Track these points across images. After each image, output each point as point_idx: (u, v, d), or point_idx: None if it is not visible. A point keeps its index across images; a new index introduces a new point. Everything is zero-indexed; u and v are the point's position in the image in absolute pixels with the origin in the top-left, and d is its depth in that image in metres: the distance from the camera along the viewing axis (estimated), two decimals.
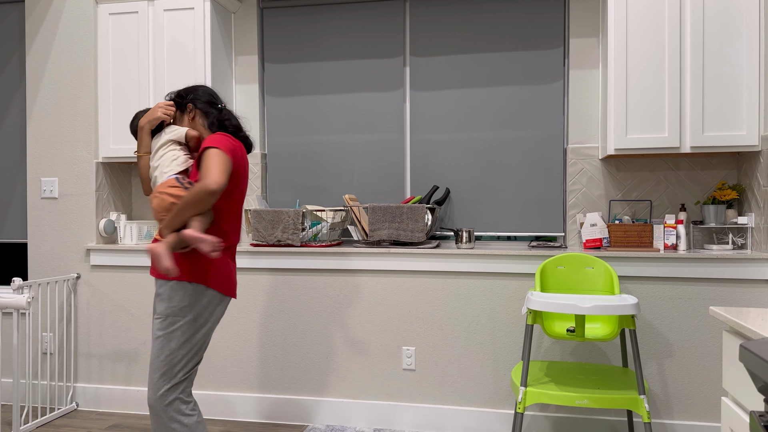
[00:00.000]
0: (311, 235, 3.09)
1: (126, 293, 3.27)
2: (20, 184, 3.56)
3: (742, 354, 1.13)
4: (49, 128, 3.36)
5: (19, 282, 2.82)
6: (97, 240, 3.32)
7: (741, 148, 2.68)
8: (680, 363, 2.75)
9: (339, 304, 3.05)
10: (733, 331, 1.61)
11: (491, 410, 2.91)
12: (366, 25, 3.36)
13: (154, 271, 2.09)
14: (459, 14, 3.26)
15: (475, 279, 2.92)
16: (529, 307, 2.32)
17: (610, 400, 2.25)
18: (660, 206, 3.02)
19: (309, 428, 3.00)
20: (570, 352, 2.85)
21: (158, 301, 2.06)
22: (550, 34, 3.17)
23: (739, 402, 1.55)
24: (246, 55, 3.46)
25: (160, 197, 2.01)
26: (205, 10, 3.15)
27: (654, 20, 2.72)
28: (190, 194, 1.92)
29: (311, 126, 3.43)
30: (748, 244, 2.80)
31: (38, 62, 3.37)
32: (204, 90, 2.22)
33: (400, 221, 3.01)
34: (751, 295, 2.67)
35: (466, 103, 3.25)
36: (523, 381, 2.32)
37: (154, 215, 2.05)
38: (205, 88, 2.23)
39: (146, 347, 3.25)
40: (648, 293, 2.77)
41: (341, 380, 3.06)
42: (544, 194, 3.17)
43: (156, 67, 3.21)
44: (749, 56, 2.65)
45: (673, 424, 2.76)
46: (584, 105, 3.09)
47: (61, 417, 3.21)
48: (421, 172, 3.31)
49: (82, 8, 3.30)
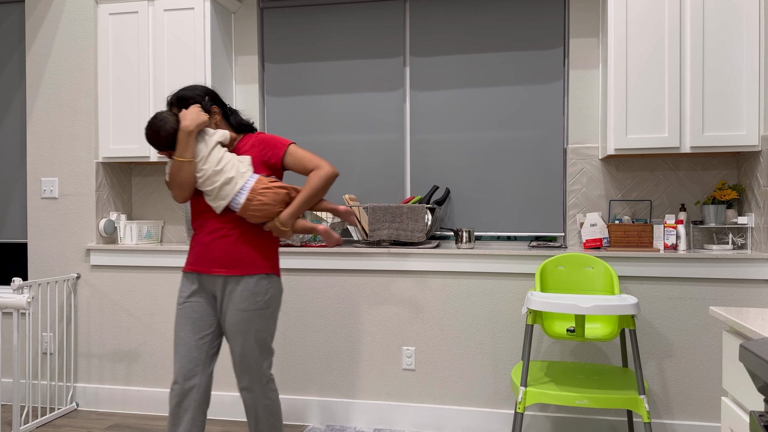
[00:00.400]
0: (311, 235, 3.09)
1: (126, 293, 3.27)
2: (20, 184, 3.57)
3: (742, 354, 1.13)
4: (49, 128, 3.36)
5: (19, 282, 2.82)
6: (97, 240, 3.32)
7: (741, 148, 2.68)
8: (680, 363, 2.75)
9: (339, 304, 3.05)
10: (733, 331, 1.61)
11: (491, 410, 2.91)
12: (366, 25, 3.36)
13: (224, 269, 2.11)
14: (459, 14, 3.26)
15: (475, 279, 2.92)
16: (529, 307, 2.32)
17: (610, 400, 2.25)
18: (660, 206, 3.02)
19: (309, 428, 3.00)
20: (570, 352, 2.85)
21: (247, 295, 2.11)
22: (550, 34, 3.17)
23: (739, 402, 1.55)
24: (246, 55, 3.46)
25: (273, 192, 2.09)
26: (205, 10, 3.15)
27: (654, 20, 2.72)
28: (320, 182, 2.12)
29: (311, 126, 3.43)
30: (748, 244, 2.80)
31: (38, 62, 3.37)
32: (213, 91, 2.21)
33: (400, 221, 3.01)
34: (751, 295, 2.67)
35: (466, 103, 3.25)
36: (523, 381, 2.32)
37: (262, 213, 2.08)
38: (210, 89, 2.23)
39: (146, 347, 3.25)
40: (648, 293, 2.77)
41: (341, 380, 3.06)
42: (544, 194, 3.17)
43: (156, 67, 3.21)
44: (749, 56, 2.65)
45: (673, 424, 2.76)
46: (584, 105, 3.09)
47: (61, 417, 3.21)
48: (421, 172, 3.31)
49: (82, 8, 3.30)
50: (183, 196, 2.11)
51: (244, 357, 2.13)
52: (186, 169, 2.06)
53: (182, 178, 2.07)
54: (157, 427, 3.06)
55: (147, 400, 3.25)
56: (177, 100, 2.15)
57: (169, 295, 3.22)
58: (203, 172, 2.07)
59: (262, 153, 2.15)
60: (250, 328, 2.11)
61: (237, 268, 2.11)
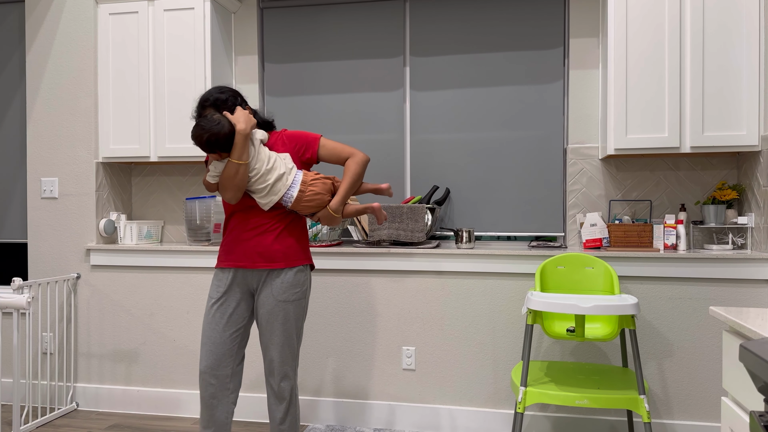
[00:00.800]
0: (311, 235, 3.09)
1: (126, 293, 3.27)
2: (20, 184, 3.57)
3: (742, 354, 1.13)
4: (49, 128, 3.36)
5: (19, 282, 2.82)
6: (97, 240, 3.32)
7: (741, 148, 2.68)
8: (680, 363, 2.75)
9: (339, 304, 3.05)
10: (733, 331, 1.61)
11: (491, 410, 2.91)
12: (366, 25, 3.36)
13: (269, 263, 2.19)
14: (459, 14, 3.26)
15: (475, 279, 2.92)
16: (529, 307, 2.32)
17: (610, 400, 2.25)
18: (660, 206, 3.02)
19: (309, 428, 3.00)
20: (570, 352, 2.85)
21: (287, 287, 2.20)
22: (550, 34, 3.17)
23: (739, 402, 1.55)
24: (246, 55, 3.46)
25: (321, 182, 2.23)
26: (205, 10, 3.15)
27: (654, 20, 2.72)
28: (359, 168, 2.25)
29: (311, 126, 3.43)
30: (748, 244, 2.80)
31: (38, 62, 3.37)
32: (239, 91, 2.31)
33: (400, 221, 3.01)
34: (751, 295, 2.67)
35: (466, 103, 3.25)
36: (523, 381, 2.32)
37: (315, 202, 2.21)
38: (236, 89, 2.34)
39: (146, 347, 3.25)
40: (648, 293, 2.77)
41: (341, 380, 3.06)
42: (544, 194, 3.17)
43: (156, 67, 3.21)
44: (749, 56, 2.65)
45: (673, 424, 2.76)
46: (584, 105, 3.09)
47: (61, 417, 3.21)
48: (421, 172, 3.31)
49: (82, 8, 3.30)
50: (237, 196, 2.17)
51: (284, 345, 2.22)
52: (242, 171, 2.13)
53: (239, 180, 2.13)
54: (157, 427, 3.06)
55: (147, 400, 3.25)
56: (214, 102, 2.19)
57: (169, 295, 3.22)
58: (256, 170, 2.15)
59: (296, 149, 2.26)
60: (290, 317, 2.22)
61: (281, 261, 2.20)
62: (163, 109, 3.20)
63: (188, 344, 3.21)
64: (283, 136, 2.28)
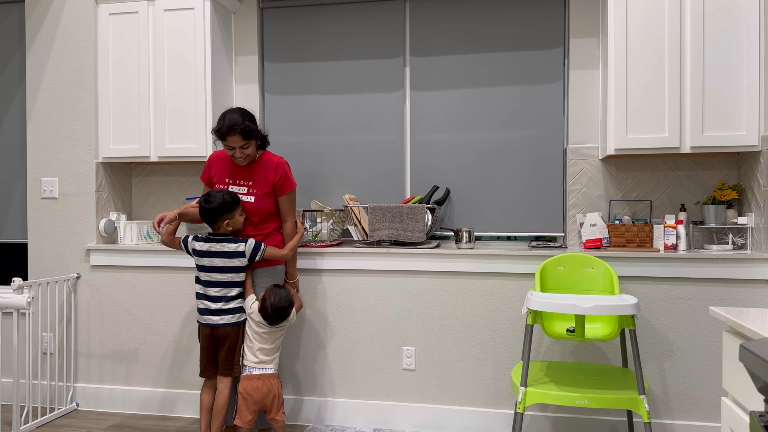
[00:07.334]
0: (311, 235, 3.09)
1: (126, 293, 3.27)
2: (20, 184, 3.56)
3: (742, 354, 1.13)
4: (49, 128, 3.36)
5: (19, 282, 2.82)
6: (97, 240, 3.32)
7: (741, 148, 2.68)
8: (680, 363, 2.75)
9: (339, 304, 3.05)
10: (733, 331, 1.61)
11: (491, 410, 2.91)
12: (366, 25, 3.36)
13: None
14: (459, 14, 3.26)
15: (475, 279, 2.92)
16: (529, 307, 2.32)
17: (610, 400, 2.25)
18: (660, 206, 3.02)
19: (309, 428, 3.00)
20: (570, 352, 2.85)
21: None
22: (550, 34, 3.17)
23: (739, 402, 1.55)
24: (246, 55, 3.46)
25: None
26: (205, 10, 3.15)
27: (654, 20, 2.72)
28: (295, 243, 2.82)
29: (311, 126, 3.43)
30: (748, 244, 2.80)
31: (38, 62, 3.37)
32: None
33: (400, 221, 3.00)
34: (751, 295, 2.67)
35: (466, 103, 3.25)
36: (523, 381, 2.32)
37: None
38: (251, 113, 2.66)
39: (146, 347, 3.25)
40: (648, 293, 2.77)
41: (341, 380, 3.06)
42: (544, 194, 3.17)
43: (156, 66, 3.21)
44: (749, 56, 2.65)
45: (673, 424, 2.76)
46: (584, 105, 3.09)
47: (61, 417, 3.21)
48: (421, 172, 3.31)
49: (82, 8, 3.30)
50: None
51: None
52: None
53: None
54: (157, 427, 3.06)
55: (147, 400, 3.25)
56: (242, 130, 2.52)
57: (169, 295, 3.22)
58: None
59: (276, 180, 2.66)
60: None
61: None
62: (164, 109, 3.20)
63: (188, 344, 3.20)
64: (277, 163, 2.66)
